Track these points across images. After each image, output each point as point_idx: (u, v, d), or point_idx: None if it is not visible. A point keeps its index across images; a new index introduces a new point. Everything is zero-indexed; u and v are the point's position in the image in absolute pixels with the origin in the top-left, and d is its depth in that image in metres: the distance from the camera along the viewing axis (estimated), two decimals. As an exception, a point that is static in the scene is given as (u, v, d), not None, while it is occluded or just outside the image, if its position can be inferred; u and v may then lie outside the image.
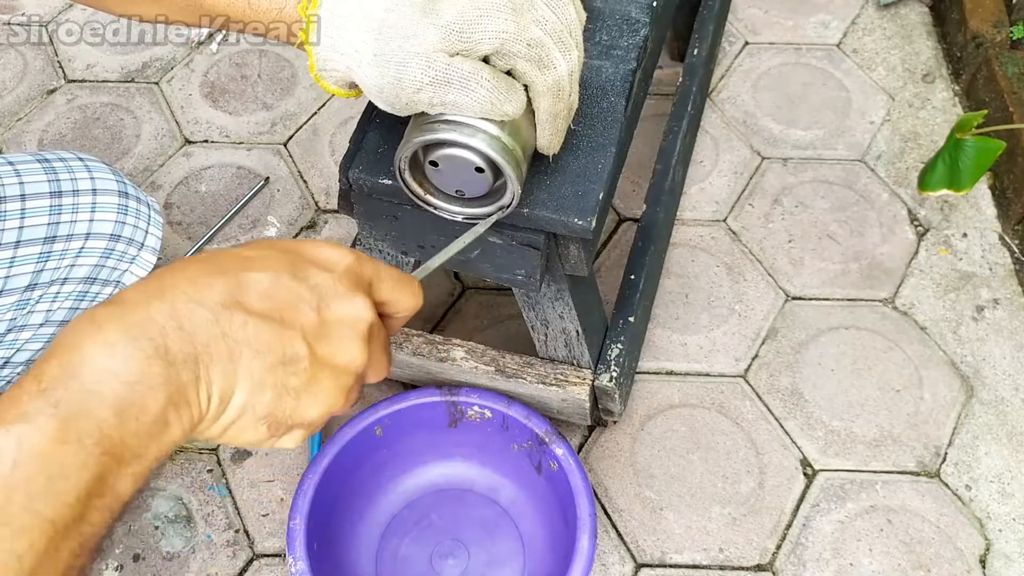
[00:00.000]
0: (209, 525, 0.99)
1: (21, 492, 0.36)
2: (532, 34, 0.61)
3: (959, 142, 1.04)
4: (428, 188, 0.70)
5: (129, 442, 0.39)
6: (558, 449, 0.90)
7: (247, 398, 0.42)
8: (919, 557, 0.96)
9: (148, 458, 0.40)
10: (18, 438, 0.37)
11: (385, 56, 0.60)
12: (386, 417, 0.93)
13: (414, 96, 0.61)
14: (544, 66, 0.62)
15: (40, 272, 0.79)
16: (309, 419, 0.45)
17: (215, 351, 0.41)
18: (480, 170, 0.65)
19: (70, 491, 0.37)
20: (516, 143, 0.64)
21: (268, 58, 1.41)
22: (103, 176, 0.84)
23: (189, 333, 0.41)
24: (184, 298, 0.41)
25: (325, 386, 0.45)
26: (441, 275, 1.18)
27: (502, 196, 0.68)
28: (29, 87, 1.38)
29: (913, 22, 1.44)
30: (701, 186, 1.25)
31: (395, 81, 0.60)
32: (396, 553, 0.95)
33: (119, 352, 0.39)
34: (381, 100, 0.63)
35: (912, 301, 1.14)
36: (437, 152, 0.65)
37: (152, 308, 0.41)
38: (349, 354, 0.45)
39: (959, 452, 1.03)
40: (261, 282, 0.44)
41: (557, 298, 0.86)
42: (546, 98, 0.64)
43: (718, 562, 0.96)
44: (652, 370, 1.09)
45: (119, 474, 0.39)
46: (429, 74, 0.59)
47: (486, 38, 0.59)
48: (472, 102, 0.60)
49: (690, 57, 1.24)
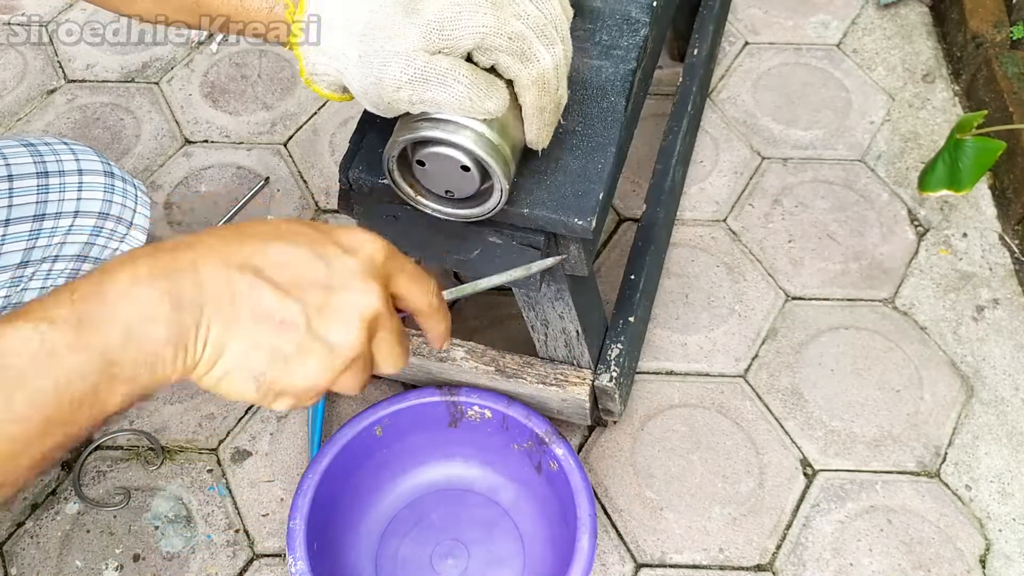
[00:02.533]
0: (209, 525, 0.99)
1: (30, 385, 0.41)
2: (513, 27, 0.61)
3: (959, 142, 1.04)
4: (419, 189, 0.70)
5: (127, 365, 0.43)
6: (558, 449, 0.90)
7: (240, 355, 0.46)
8: (919, 557, 0.96)
9: (139, 384, 0.44)
10: (42, 336, 0.41)
11: (368, 57, 0.60)
12: (386, 417, 0.93)
13: (394, 95, 0.61)
14: (527, 59, 0.62)
15: (31, 250, 0.80)
16: (296, 388, 0.47)
17: (219, 304, 0.45)
18: (466, 168, 0.65)
19: (68, 395, 0.42)
20: (503, 140, 0.64)
21: (268, 58, 1.41)
22: (88, 158, 0.85)
23: (201, 284, 0.45)
24: (209, 253, 0.46)
25: (313, 360, 0.47)
26: (441, 275, 1.17)
27: (491, 197, 0.68)
28: (29, 87, 1.38)
29: (913, 22, 1.44)
30: (701, 186, 1.25)
31: (376, 81, 0.61)
32: (396, 553, 0.95)
33: (140, 285, 0.44)
34: (367, 101, 0.63)
35: (912, 301, 1.14)
36: (423, 151, 0.65)
37: (179, 255, 0.45)
38: (343, 335, 0.47)
39: (959, 452, 1.03)
40: (281, 253, 0.47)
41: (557, 298, 0.86)
42: (531, 91, 0.63)
43: (718, 562, 0.96)
44: (652, 370, 1.09)
45: (111, 391, 0.43)
46: (408, 72, 0.59)
47: (466, 34, 0.60)
48: (451, 98, 0.60)
49: (690, 57, 1.24)
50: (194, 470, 1.03)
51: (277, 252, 0.47)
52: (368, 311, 0.48)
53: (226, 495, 1.01)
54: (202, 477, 1.02)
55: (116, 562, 0.96)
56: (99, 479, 1.02)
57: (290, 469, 1.02)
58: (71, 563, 0.96)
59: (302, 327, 0.46)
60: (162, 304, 0.44)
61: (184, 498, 1.01)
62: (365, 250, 0.49)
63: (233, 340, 0.45)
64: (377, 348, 0.50)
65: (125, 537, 0.98)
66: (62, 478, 1.02)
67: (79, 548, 0.97)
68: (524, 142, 0.68)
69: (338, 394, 1.06)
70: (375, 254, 0.49)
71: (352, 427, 0.92)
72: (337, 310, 0.47)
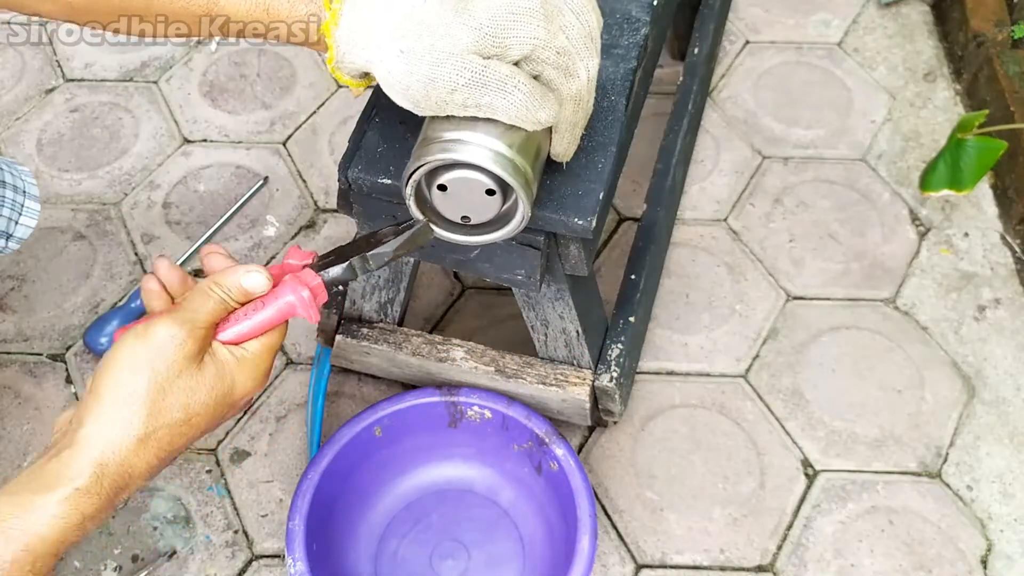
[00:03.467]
0: (208, 526, 0.99)
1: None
2: (560, 42, 0.60)
3: (960, 142, 1.04)
4: (431, 216, 0.68)
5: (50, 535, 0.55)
6: (558, 450, 0.90)
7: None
8: (920, 558, 0.95)
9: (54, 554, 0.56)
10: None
11: (416, 54, 0.59)
12: (385, 417, 0.93)
13: (447, 96, 0.60)
14: (570, 75, 0.62)
15: None
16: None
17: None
18: (491, 192, 0.63)
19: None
20: (526, 161, 0.63)
21: (267, 57, 1.41)
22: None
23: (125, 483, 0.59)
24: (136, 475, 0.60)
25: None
26: (441, 275, 1.17)
27: (509, 221, 0.67)
28: (27, 86, 1.38)
29: (914, 21, 1.44)
30: (702, 185, 1.25)
31: (427, 80, 0.59)
32: (396, 554, 0.95)
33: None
34: (406, 98, 0.62)
35: (913, 301, 1.14)
36: (447, 175, 0.63)
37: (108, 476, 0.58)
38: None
39: (960, 452, 1.02)
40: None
41: (557, 298, 0.85)
42: (568, 106, 0.63)
43: (719, 563, 0.96)
44: (653, 370, 1.09)
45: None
46: (465, 75, 0.59)
47: (518, 43, 0.59)
48: (509, 105, 0.59)
49: (691, 56, 1.23)
50: (193, 470, 1.02)
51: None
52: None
53: (225, 496, 1.01)
54: (201, 477, 1.02)
55: (115, 563, 0.96)
56: (98, 480, 1.02)
57: (289, 470, 1.02)
58: (69, 563, 0.96)
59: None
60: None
61: (183, 498, 1.00)
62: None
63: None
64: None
65: (124, 537, 0.98)
66: (60, 478, 1.02)
67: (77, 548, 0.97)
68: (544, 161, 0.67)
69: (337, 394, 1.06)
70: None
71: (351, 427, 0.92)
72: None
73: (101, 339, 1.08)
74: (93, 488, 0.56)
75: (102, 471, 0.56)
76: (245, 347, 0.64)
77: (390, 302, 0.96)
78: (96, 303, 1.15)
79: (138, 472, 0.58)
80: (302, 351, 1.11)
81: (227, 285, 0.63)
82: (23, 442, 1.04)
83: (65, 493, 0.55)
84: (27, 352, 1.11)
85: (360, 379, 1.08)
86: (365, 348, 0.98)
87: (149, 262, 1.18)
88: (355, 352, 0.99)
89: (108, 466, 0.57)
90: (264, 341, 0.65)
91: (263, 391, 1.07)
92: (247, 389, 0.64)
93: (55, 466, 0.56)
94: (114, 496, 0.57)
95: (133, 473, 0.58)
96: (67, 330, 1.12)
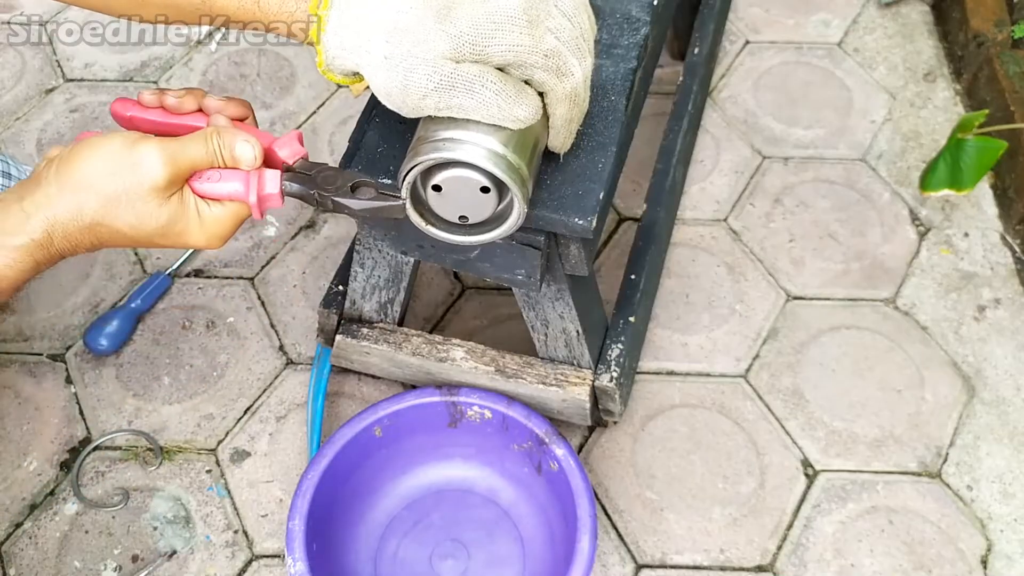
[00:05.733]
0: (208, 526, 0.99)
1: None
2: (548, 44, 0.60)
3: (960, 142, 1.04)
4: (429, 218, 0.68)
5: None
6: (558, 450, 0.90)
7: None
8: (920, 558, 0.95)
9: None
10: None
11: (395, 60, 0.60)
12: (385, 417, 0.93)
13: (420, 102, 0.61)
14: (562, 74, 0.62)
15: None
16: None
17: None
18: (486, 190, 0.64)
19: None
20: (521, 159, 0.63)
21: (267, 57, 1.41)
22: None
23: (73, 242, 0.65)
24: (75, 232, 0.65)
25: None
26: (441, 275, 1.17)
27: (506, 219, 0.67)
28: (27, 86, 1.38)
29: (914, 21, 1.44)
30: (702, 185, 1.25)
31: (402, 87, 0.60)
32: (396, 554, 0.95)
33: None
34: (389, 102, 0.63)
35: (913, 301, 1.14)
36: (441, 174, 0.63)
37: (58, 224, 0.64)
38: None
39: (960, 452, 1.02)
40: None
41: (557, 298, 0.85)
42: (563, 105, 0.64)
43: (719, 563, 0.96)
44: (653, 370, 1.09)
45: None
46: (435, 79, 0.59)
47: (499, 50, 0.59)
48: (479, 105, 0.60)
49: (691, 56, 1.23)
50: (193, 470, 1.02)
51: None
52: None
53: (225, 496, 1.01)
54: (201, 478, 1.02)
55: (115, 563, 0.96)
56: (98, 479, 1.02)
57: (289, 469, 1.02)
58: (70, 564, 0.96)
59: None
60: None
61: (183, 499, 1.00)
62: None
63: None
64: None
65: (124, 538, 0.98)
66: (60, 479, 1.01)
67: (78, 549, 0.97)
68: (541, 158, 0.67)
69: (337, 394, 1.06)
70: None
71: (351, 427, 0.92)
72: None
73: (101, 339, 1.08)
74: (44, 243, 0.64)
75: (52, 233, 0.64)
76: (213, 206, 0.67)
77: (390, 302, 0.96)
78: (96, 303, 1.15)
79: (83, 247, 0.65)
80: (302, 351, 1.11)
81: (226, 142, 0.66)
82: (23, 442, 1.04)
83: (23, 241, 0.63)
84: (27, 352, 1.11)
85: (360, 379, 1.08)
86: (365, 348, 0.98)
87: (149, 262, 1.18)
88: (355, 352, 1.00)
89: (56, 233, 0.64)
90: (233, 208, 0.67)
91: (261, 392, 1.08)
92: (198, 242, 0.67)
93: (17, 215, 0.63)
94: (61, 255, 0.65)
95: (78, 246, 0.65)
96: (67, 330, 1.12)
